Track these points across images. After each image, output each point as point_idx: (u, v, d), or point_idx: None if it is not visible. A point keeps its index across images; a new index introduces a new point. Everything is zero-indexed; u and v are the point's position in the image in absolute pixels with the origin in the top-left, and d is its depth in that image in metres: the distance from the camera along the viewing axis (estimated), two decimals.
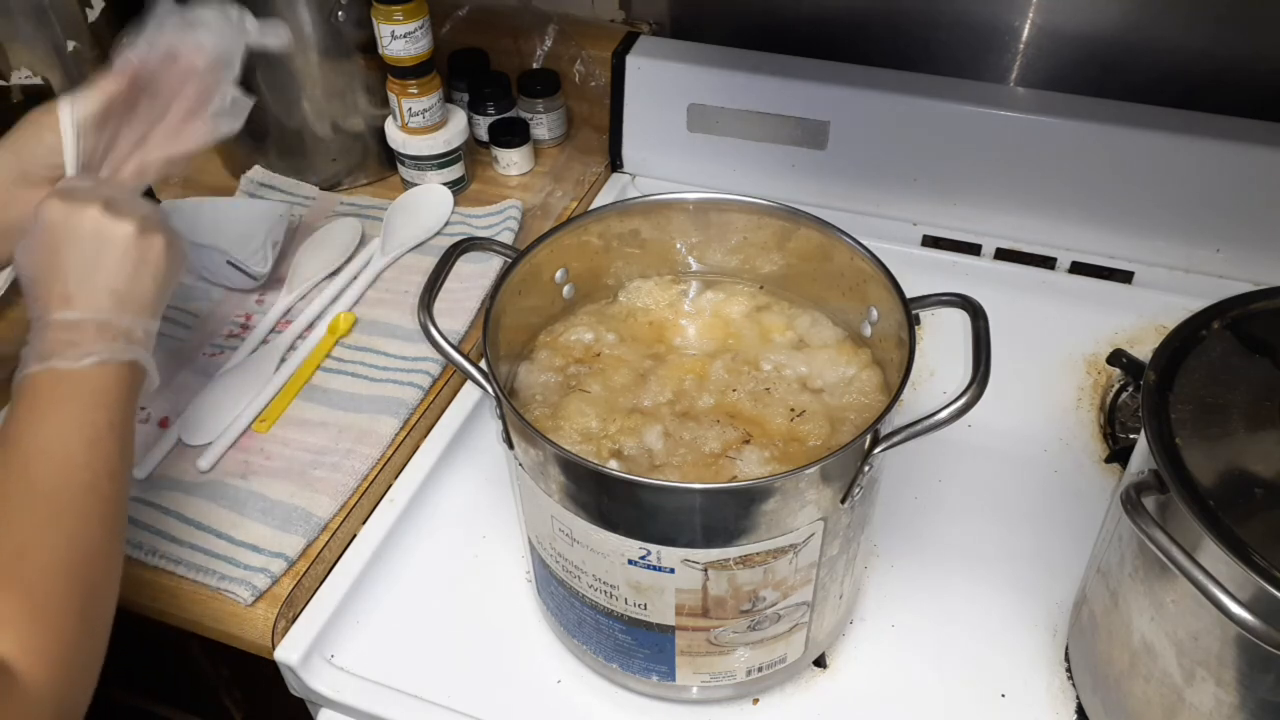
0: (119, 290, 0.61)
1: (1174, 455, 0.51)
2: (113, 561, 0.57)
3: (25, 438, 0.56)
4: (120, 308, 0.61)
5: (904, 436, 0.55)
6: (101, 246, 0.61)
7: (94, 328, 0.59)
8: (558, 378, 0.67)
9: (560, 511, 0.57)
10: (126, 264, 0.61)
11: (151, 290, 0.63)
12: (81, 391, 0.58)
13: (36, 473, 0.55)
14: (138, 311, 0.62)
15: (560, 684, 0.68)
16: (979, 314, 0.58)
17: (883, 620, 0.71)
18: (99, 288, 0.60)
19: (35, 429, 0.57)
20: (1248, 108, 0.89)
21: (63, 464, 0.56)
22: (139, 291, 0.62)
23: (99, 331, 0.59)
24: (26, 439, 0.56)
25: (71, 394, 0.58)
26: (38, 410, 0.57)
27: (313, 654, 0.69)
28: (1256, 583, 0.46)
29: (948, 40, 0.97)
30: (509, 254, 0.66)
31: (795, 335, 0.69)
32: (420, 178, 1.03)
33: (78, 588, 0.54)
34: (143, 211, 0.63)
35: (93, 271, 0.60)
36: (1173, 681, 0.54)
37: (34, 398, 0.57)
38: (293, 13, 0.94)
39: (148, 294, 0.62)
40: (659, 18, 1.07)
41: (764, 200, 0.67)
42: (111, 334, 0.60)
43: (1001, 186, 0.95)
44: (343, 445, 0.79)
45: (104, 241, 0.61)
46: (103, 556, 0.56)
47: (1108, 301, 0.93)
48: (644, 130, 1.05)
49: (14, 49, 0.99)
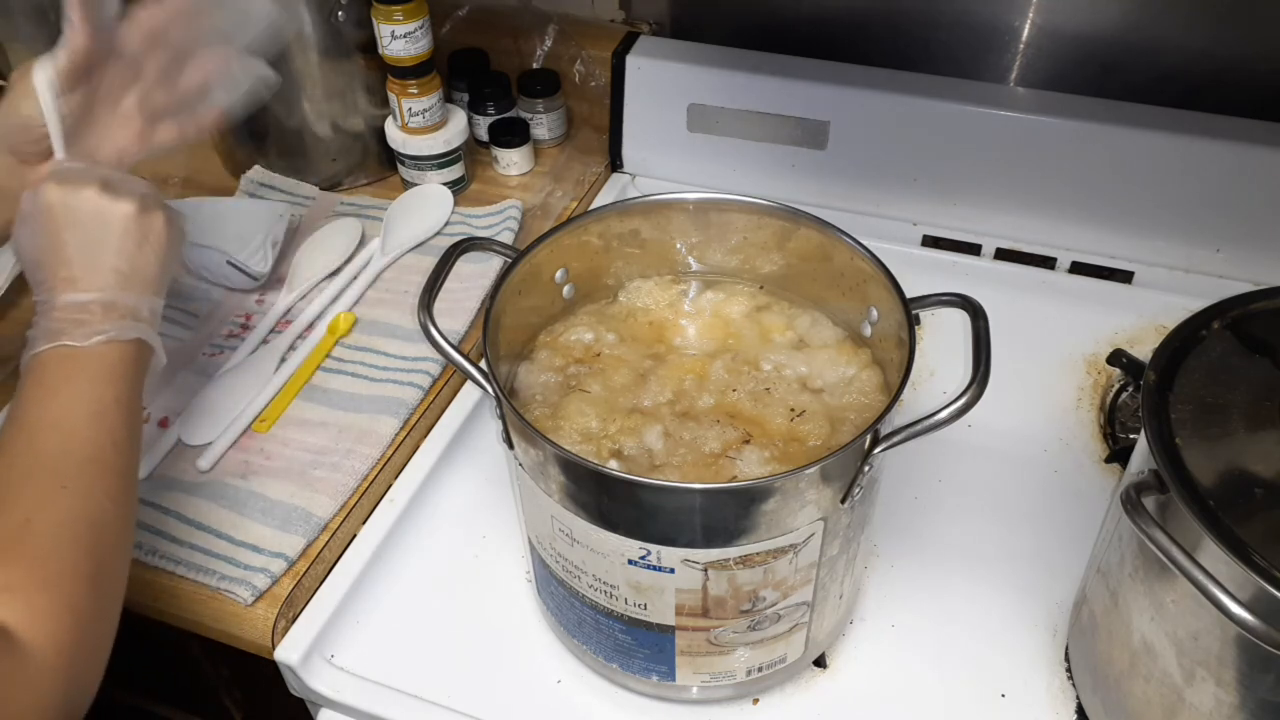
0: (123, 269, 0.61)
1: (1174, 455, 0.51)
2: (122, 534, 0.57)
3: (32, 413, 0.57)
4: (125, 286, 0.61)
5: (904, 436, 0.55)
6: (103, 227, 0.61)
7: (101, 307, 0.60)
8: (558, 378, 0.67)
9: (560, 511, 0.57)
10: (129, 243, 0.62)
11: (155, 267, 0.63)
12: (88, 368, 0.59)
13: (42, 446, 0.56)
14: (142, 289, 0.62)
15: (560, 684, 0.68)
16: (979, 314, 0.58)
17: (883, 620, 0.71)
18: (104, 268, 0.61)
19: (42, 404, 0.57)
20: (1248, 108, 0.89)
21: (68, 436, 0.57)
22: (143, 270, 0.62)
23: (106, 310, 0.60)
24: (33, 414, 0.57)
25: (78, 370, 0.59)
26: (45, 386, 0.58)
27: (313, 654, 0.69)
28: (1256, 583, 0.46)
29: (948, 40, 0.97)
30: (509, 254, 0.66)
31: (795, 335, 0.69)
32: (420, 178, 1.03)
33: (86, 557, 0.54)
34: (140, 190, 0.63)
35: (96, 252, 0.61)
36: (1173, 681, 0.54)
37: (41, 374, 0.58)
38: (293, 13, 0.94)
39: (151, 271, 0.63)
40: (659, 18, 1.07)
41: (764, 200, 0.67)
42: (118, 313, 0.61)
43: (1001, 186, 0.95)
44: (343, 445, 0.79)
45: (105, 222, 0.61)
46: (111, 528, 0.56)
47: (1108, 301, 0.93)
48: (644, 130, 1.05)
49: (14, 49, 1.00)
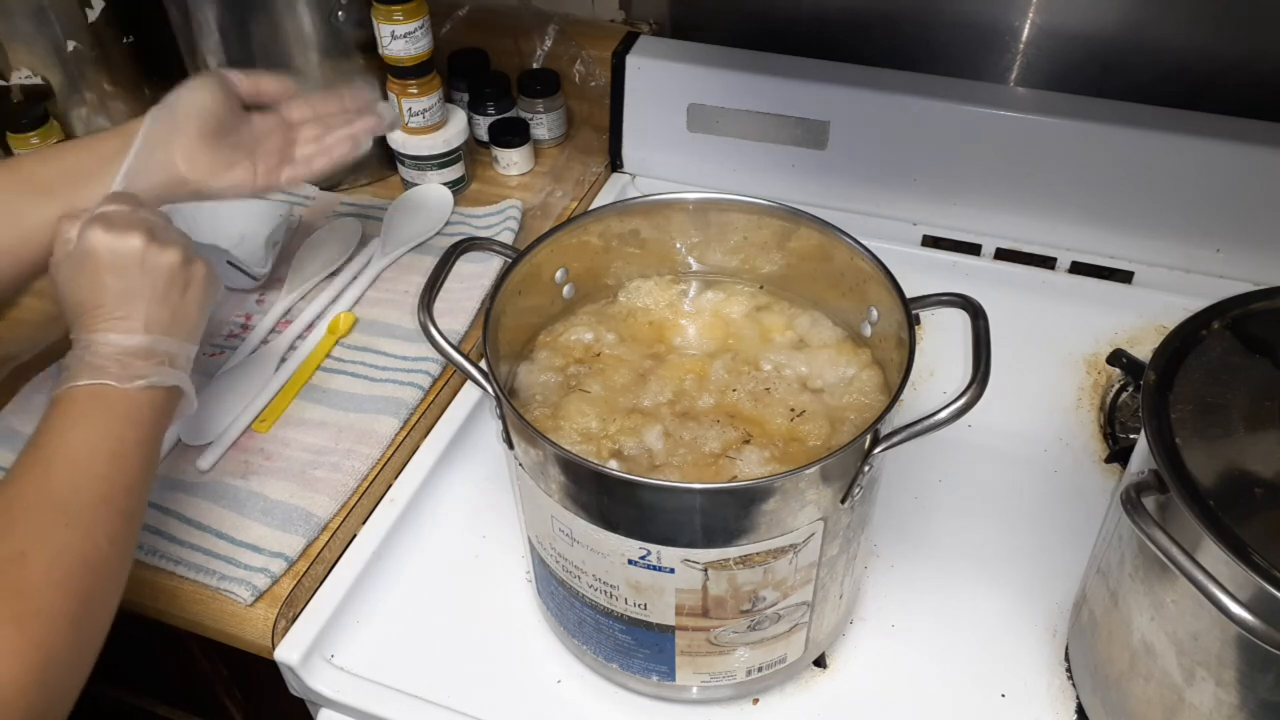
0: (165, 318, 0.63)
1: (1174, 455, 0.51)
2: (116, 577, 0.57)
3: (52, 444, 0.58)
4: (167, 334, 0.63)
5: (904, 436, 0.55)
6: (148, 275, 0.63)
7: (145, 352, 0.62)
8: (558, 378, 0.67)
9: (560, 511, 0.57)
10: (173, 292, 0.64)
11: (195, 317, 0.66)
12: (117, 407, 0.60)
13: (56, 479, 0.57)
14: (184, 338, 0.65)
15: (560, 684, 0.68)
16: (979, 314, 0.58)
17: (883, 620, 0.71)
18: (148, 314, 0.62)
19: (64, 437, 0.58)
20: (1248, 108, 0.89)
21: (82, 473, 0.57)
22: (184, 318, 0.65)
23: (148, 355, 0.62)
24: (53, 445, 0.58)
25: (107, 409, 0.59)
26: (71, 419, 0.59)
27: (313, 654, 0.69)
28: (1256, 583, 0.46)
29: (948, 40, 0.97)
30: (509, 254, 0.66)
31: (795, 335, 0.69)
32: (420, 178, 1.03)
33: (72, 598, 0.53)
34: (182, 239, 0.66)
35: (140, 299, 0.62)
36: (1173, 681, 0.54)
37: (69, 407, 0.59)
38: (293, 13, 0.94)
39: (191, 320, 0.65)
40: (659, 18, 1.07)
41: (764, 200, 0.67)
42: (158, 359, 0.62)
43: (1001, 186, 0.95)
44: (343, 445, 0.79)
45: (151, 270, 0.63)
46: (105, 570, 0.56)
47: (1108, 301, 0.93)
48: (644, 130, 1.05)
49: (14, 49, 1.00)
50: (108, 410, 0.59)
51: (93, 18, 1.00)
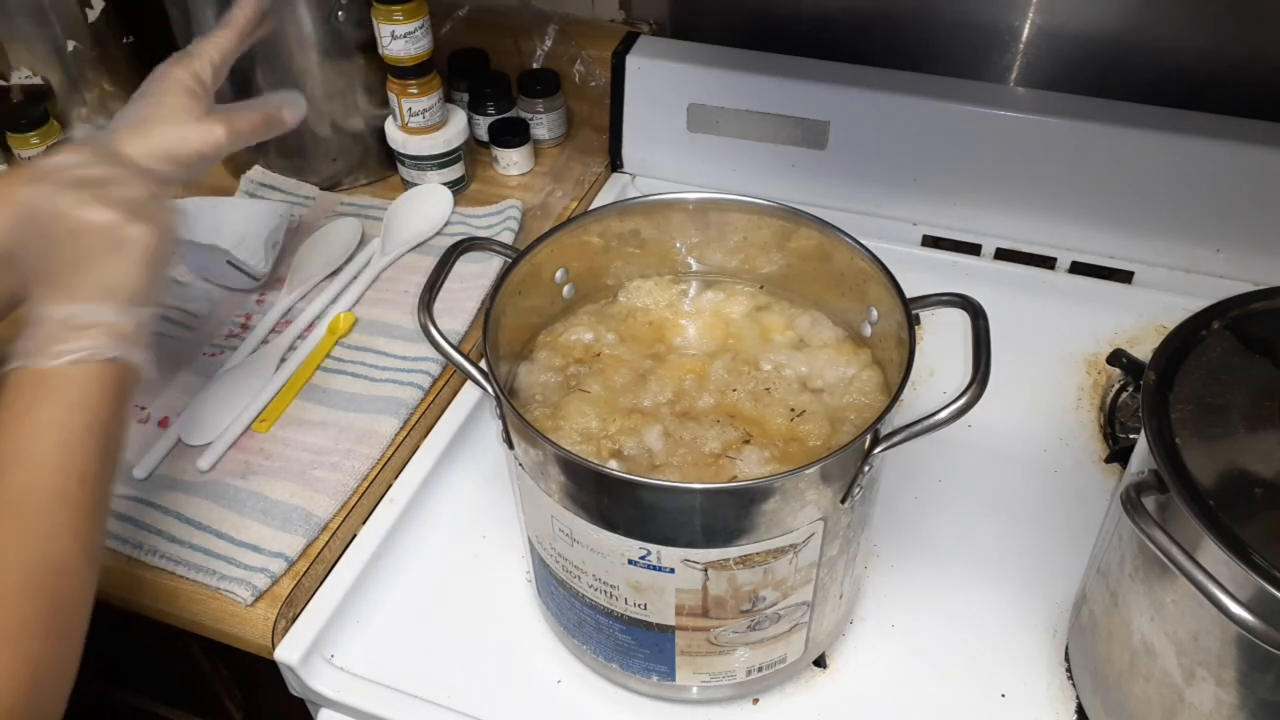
0: (94, 284, 0.56)
1: (1174, 455, 0.51)
2: (87, 576, 0.53)
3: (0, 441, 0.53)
4: (102, 301, 0.56)
5: (904, 436, 0.55)
6: (73, 237, 0.56)
7: (73, 323, 0.55)
8: (558, 378, 0.67)
9: (560, 511, 0.57)
10: (105, 255, 0.56)
11: (138, 281, 0.57)
12: (57, 391, 0.54)
13: (6, 481, 0.52)
14: (124, 304, 0.57)
15: (560, 684, 0.68)
16: (979, 314, 0.58)
17: (883, 620, 0.71)
18: (79, 282, 0.56)
19: (6, 431, 0.53)
20: (1248, 108, 0.88)
21: (32, 471, 0.52)
22: (124, 283, 0.57)
23: (79, 328, 0.55)
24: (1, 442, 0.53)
25: (46, 395, 0.54)
26: (12, 411, 0.53)
27: (313, 654, 0.69)
28: (1256, 583, 0.46)
29: (948, 40, 0.97)
30: (509, 254, 0.66)
31: (795, 335, 0.69)
32: (420, 178, 1.03)
33: (47, 607, 0.50)
34: (127, 195, 0.58)
35: (74, 264, 0.56)
36: (1173, 681, 0.54)
37: (11, 398, 0.53)
38: (293, 13, 0.94)
39: (133, 285, 0.57)
40: (659, 18, 1.07)
41: (764, 200, 0.67)
42: (95, 330, 0.55)
43: (1001, 186, 0.95)
44: (343, 445, 0.79)
45: (75, 232, 0.56)
46: (75, 571, 0.52)
47: (1108, 301, 0.93)
48: (644, 130, 1.05)
49: (14, 49, 0.99)
50: (47, 397, 0.53)
51: (93, 18, 1.00)
